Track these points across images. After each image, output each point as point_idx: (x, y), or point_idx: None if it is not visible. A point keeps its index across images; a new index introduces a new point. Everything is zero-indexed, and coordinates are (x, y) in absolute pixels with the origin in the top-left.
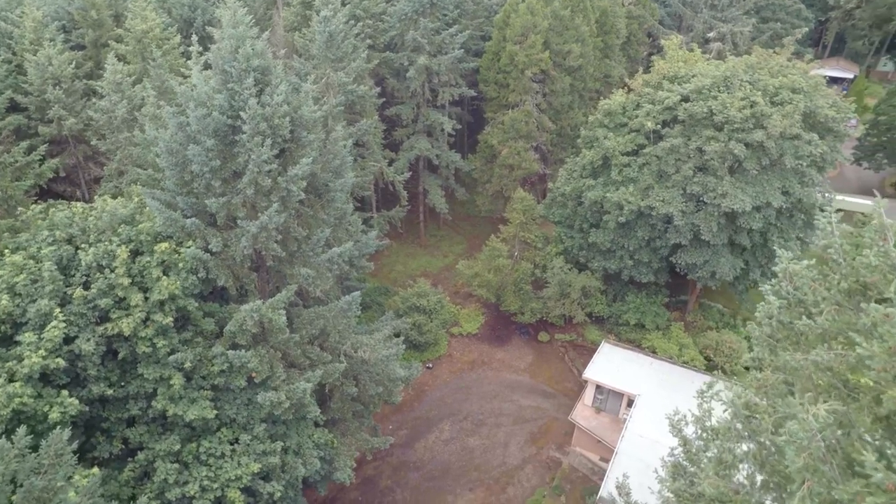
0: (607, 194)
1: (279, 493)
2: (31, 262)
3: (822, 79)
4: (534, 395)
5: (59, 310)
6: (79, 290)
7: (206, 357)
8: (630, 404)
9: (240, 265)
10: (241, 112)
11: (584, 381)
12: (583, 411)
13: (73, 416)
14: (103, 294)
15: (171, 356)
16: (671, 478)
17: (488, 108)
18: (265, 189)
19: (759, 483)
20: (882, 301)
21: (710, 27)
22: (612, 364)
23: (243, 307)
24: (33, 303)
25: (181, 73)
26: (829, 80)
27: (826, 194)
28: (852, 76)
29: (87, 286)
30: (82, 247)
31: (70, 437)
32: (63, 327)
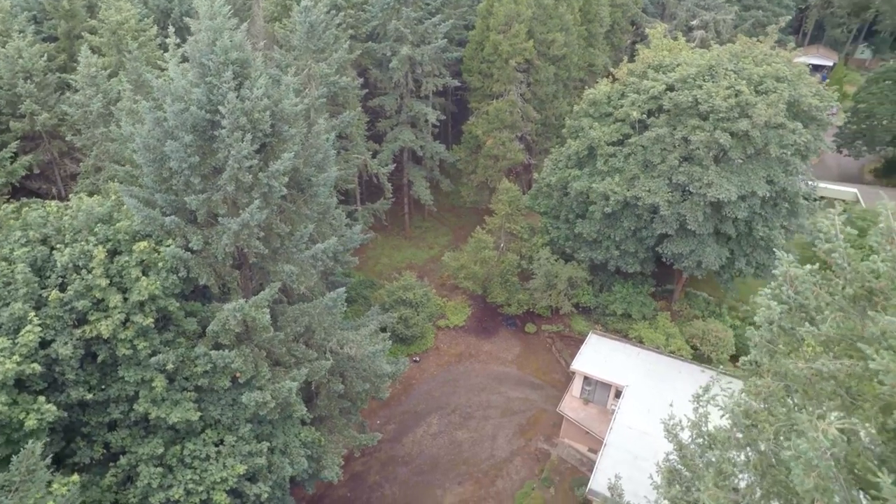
0: (593, 184)
1: (266, 493)
2: (3, 263)
3: (806, 67)
4: (521, 387)
5: (34, 313)
6: (54, 293)
7: (189, 358)
8: (618, 395)
9: (221, 263)
10: (220, 106)
11: (571, 372)
12: (571, 403)
13: (52, 423)
14: (80, 296)
15: (153, 358)
16: (667, 484)
17: (472, 98)
18: (246, 185)
19: (760, 495)
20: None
21: (694, 15)
22: (599, 355)
23: (226, 306)
24: (6, 306)
25: (158, 65)
26: (811, 68)
27: (809, 182)
28: (832, 64)
29: (63, 288)
30: (57, 247)
31: (48, 443)
32: (38, 331)
